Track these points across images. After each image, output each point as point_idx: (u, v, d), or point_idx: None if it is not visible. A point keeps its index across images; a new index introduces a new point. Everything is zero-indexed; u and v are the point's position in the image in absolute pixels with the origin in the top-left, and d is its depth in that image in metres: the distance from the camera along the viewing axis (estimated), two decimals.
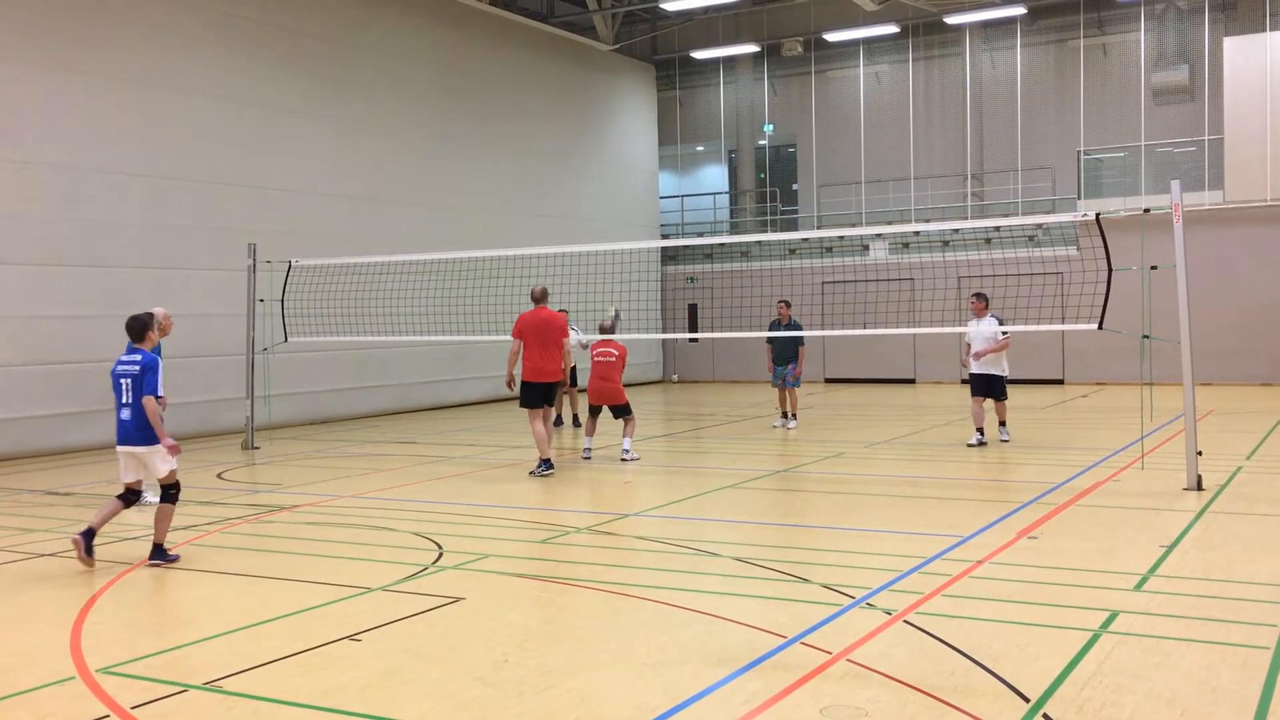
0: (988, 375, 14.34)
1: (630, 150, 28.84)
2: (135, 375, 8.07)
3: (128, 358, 8.16)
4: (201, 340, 17.18)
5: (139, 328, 8.27)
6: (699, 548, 8.52)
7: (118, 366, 8.17)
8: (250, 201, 18.20)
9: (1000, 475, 12.04)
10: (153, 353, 8.35)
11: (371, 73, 20.83)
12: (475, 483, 12.66)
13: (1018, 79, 26.64)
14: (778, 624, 6.24)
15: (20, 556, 8.59)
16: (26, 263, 15.32)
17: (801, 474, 12.54)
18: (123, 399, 8.10)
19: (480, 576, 7.67)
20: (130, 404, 8.07)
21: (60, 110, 15.73)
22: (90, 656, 5.91)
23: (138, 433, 8.08)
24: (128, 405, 8.07)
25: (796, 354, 16.77)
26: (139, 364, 8.09)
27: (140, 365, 8.09)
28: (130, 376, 8.08)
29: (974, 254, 23.60)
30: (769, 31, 28.83)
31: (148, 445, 8.08)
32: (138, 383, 8.05)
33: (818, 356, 27.09)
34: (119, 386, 8.12)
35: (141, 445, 8.10)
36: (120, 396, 8.11)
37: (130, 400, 8.07)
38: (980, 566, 7.56)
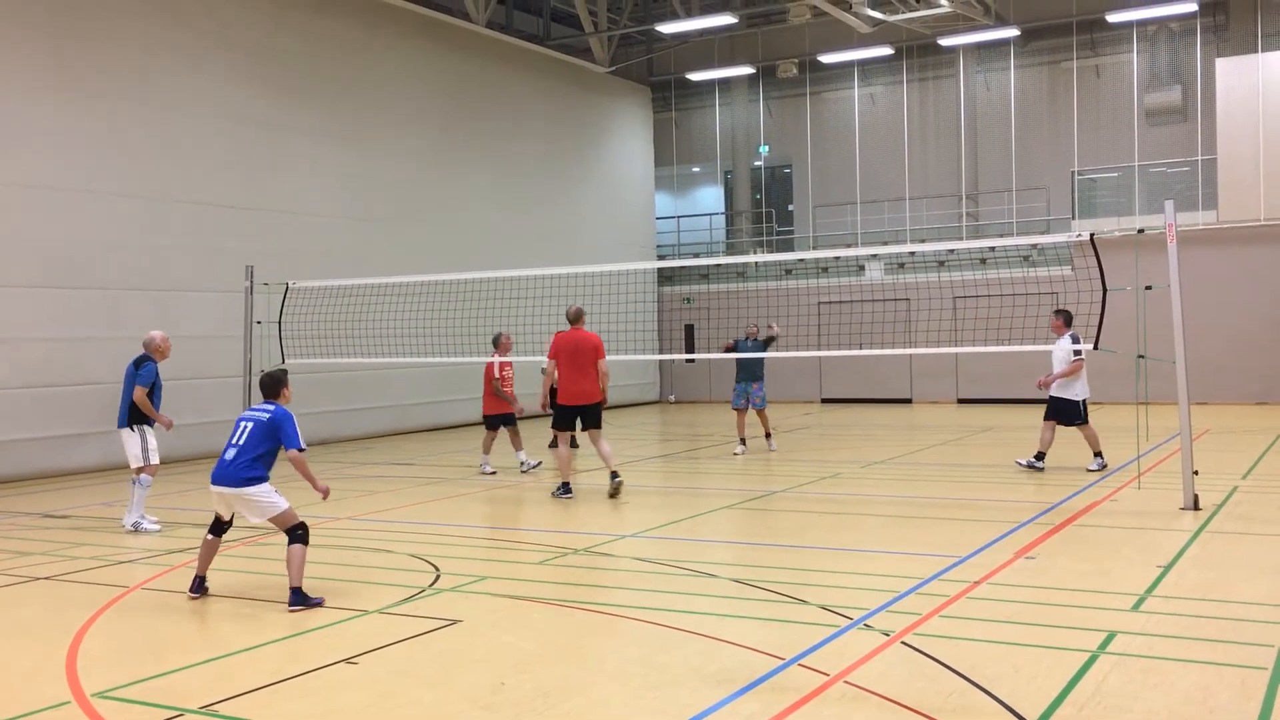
0: (1055, 398, 13.45)
1: (626, 171, 28.93)
2: (260, 421, 7.85)
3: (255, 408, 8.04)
4: (199, 362, 17.17)
5: (274, 384, 8.21)
6: (696, 569, 8.51)
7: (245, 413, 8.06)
8: (247, 223, 18.23)
9: (997, 495, 12.04)
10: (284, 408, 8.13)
11: (369, 94, 20.91)
12: (472, 504, 12.65)
13: (1011, 100, 26.79)
14: (775, 645, 6.24)
15: (17, 580, 8.57)
16: (23, 284, 15.33)
17: (798, 494, 12.53)
18: (234, 440, 7.87)
19: (477, 598, 7.65)
20: (239, 445, 7.81)
21: (57, 130, 15.76)
22: (86, 680, 5.89)
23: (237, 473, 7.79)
24: (234, 445, 7.83)
25: (763, 373, 16.32)
26: (271, 416, 7.89)
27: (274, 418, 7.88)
28: (254, 421, 7.87)
29: (969, 274, 23.66)
30: (764, 53, 28.99)
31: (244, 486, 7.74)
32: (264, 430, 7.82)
33: (813, 376, 27.12)
34: (238, 427, 7.94)
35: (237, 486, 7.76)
36: (234, 437, 7.90)
37: (241, 441, 7.82)
38: (978, 587, 7.56)
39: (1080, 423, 13.40)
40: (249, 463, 7.73)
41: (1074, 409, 13.36)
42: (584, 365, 12.20)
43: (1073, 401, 13.34)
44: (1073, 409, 13.36)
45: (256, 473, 7.73)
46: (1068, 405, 13.36)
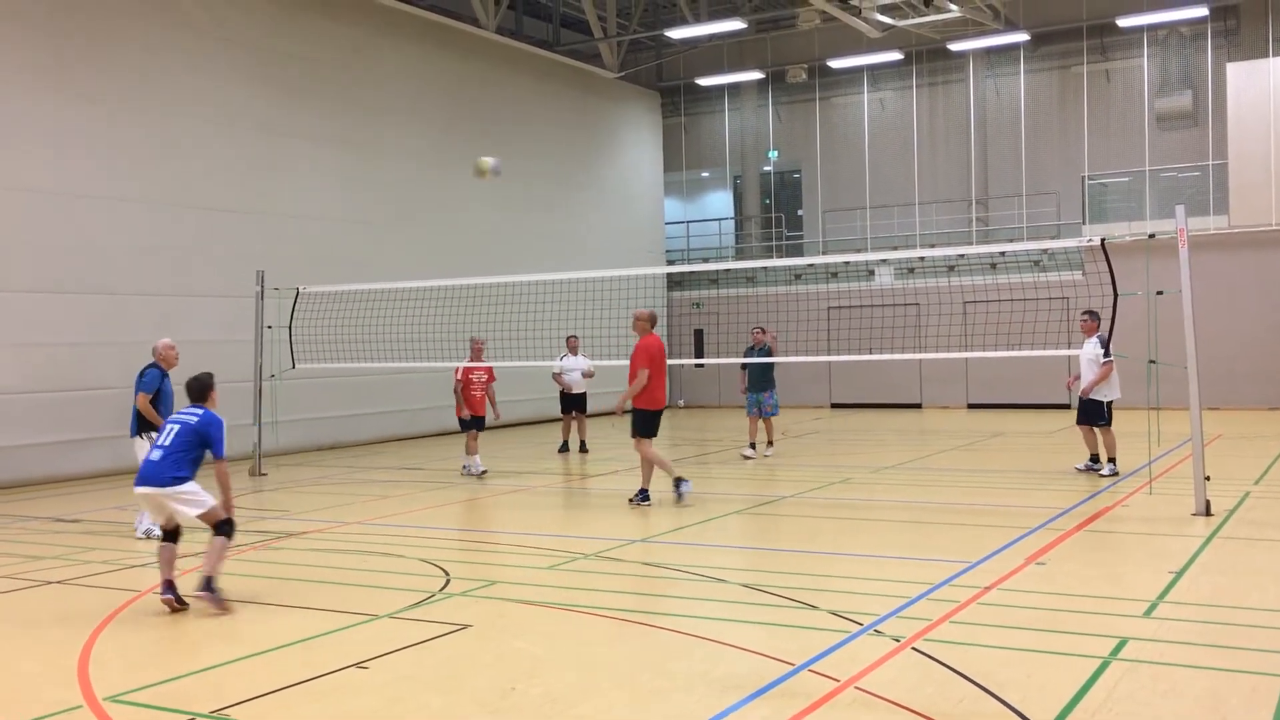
0: (1084, 400, 13.42)
1: (636, 177, 28.96)
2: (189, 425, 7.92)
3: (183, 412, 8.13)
4: (208, 367, 16.99)
5: (202, 388, 8.30)
6: (705, 574, 8.51)
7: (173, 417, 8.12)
8: (257, 228, 18.29)
9: (1007, 501, 12.00)
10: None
11: (378, 99, 20.96)
12: (481, 509, 12.67)
13: (1022, 105, 26.74)
14: (785, 651, 6.23)
15: (28, 584, 8.59)
16: (31, 289, 15.39)
17: (808, 499, 12.51)
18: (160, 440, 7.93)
19: (487, 603, 7.66)
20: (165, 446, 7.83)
21: (64, 136, 15.82)
22: (97, 685, 5.91)
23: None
24: (161, 447, 7.86)
25: (773, 381, 16.37)
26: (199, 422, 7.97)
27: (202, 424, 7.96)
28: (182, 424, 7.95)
29: (979, 279, 23.63)
30: (773, 58, 28.99)
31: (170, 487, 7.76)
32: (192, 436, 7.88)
33: (823, 381, 27.08)
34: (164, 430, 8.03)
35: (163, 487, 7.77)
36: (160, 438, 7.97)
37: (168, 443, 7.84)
38: (988, 593, 7.54)
39: (1102, 424, 13.34)
40: (174, 463, 7.76)
41: (1098, 409, 13.30)
42: (663, 370, 12.04)
43: (1097, 402, 13.28)
44: (1096, 409, 13.31)
45: (182, 473, 7.77)
46: (1093, 406, 13.33)
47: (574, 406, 17.92)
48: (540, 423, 24.20)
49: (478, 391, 15.12)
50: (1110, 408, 13.34)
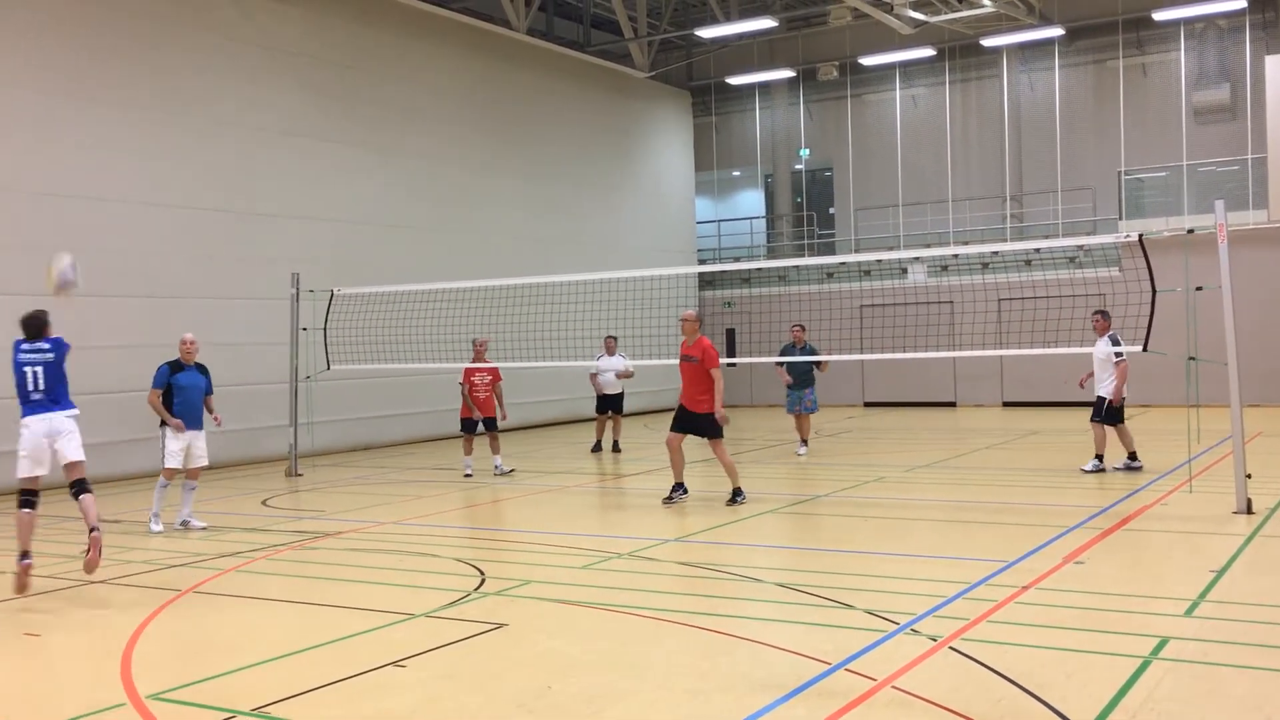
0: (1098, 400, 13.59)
1: (666, 176, 28.95)
2: (51, 362, 8.53)
3: (32, 346, 8.57)
4: (245, 369, 17.39)
5: (42, 324, 8.77)
6: (740, 573, 8.50)
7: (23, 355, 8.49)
8: (292, 231, 18.44)
9: (1044, 499, 11.90)
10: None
11: (411, 102, 21.08)
12: (514, 508, 12.71)
13: (1056, 100, 26.50)
14: (821, 650, 6.21)
15: (72, 583, 8.71)
16: (76, 292, 15.52)
17: (842, 498, 12.47)
18: (36, 385, 8.43)
19: (522, 603, 7.68)
20: (42, 388, 8.40)
21: (103, 144, 16.00)
22: (140, 682, 5.98)
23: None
24: (40, 390, 8.40)
25: (814, 378, 16.49)
26: (52, 349, 8.58)
27: (56, 350, 8.61)
28: (44, 364, 8.50)
29: (1014, 276, 23.43)
30: (804, 56, 28.90)
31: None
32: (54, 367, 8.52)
33: (856, 380, 26.97)
34: (25, 375, 8.45)
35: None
36: (29, 384, 8.44)
37: (43, 385, 8.42)
38: (1026, 592, 7.48)
39: (1098, 420, 13.50)
40: (64, 395, 8.57)
41: (1099, 404, 13.49)
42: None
43: (1102, 398, 13.45)
44: (1099, 404, 13.49)
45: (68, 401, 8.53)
46: (1099, 403, 13.48)
47: (610, 406, 17.97)
48: (573, 422, 24.26)
49: (482, 393, 15.19)
50: (1109, 405, 13.43)
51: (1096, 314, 13.66)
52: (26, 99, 15.04)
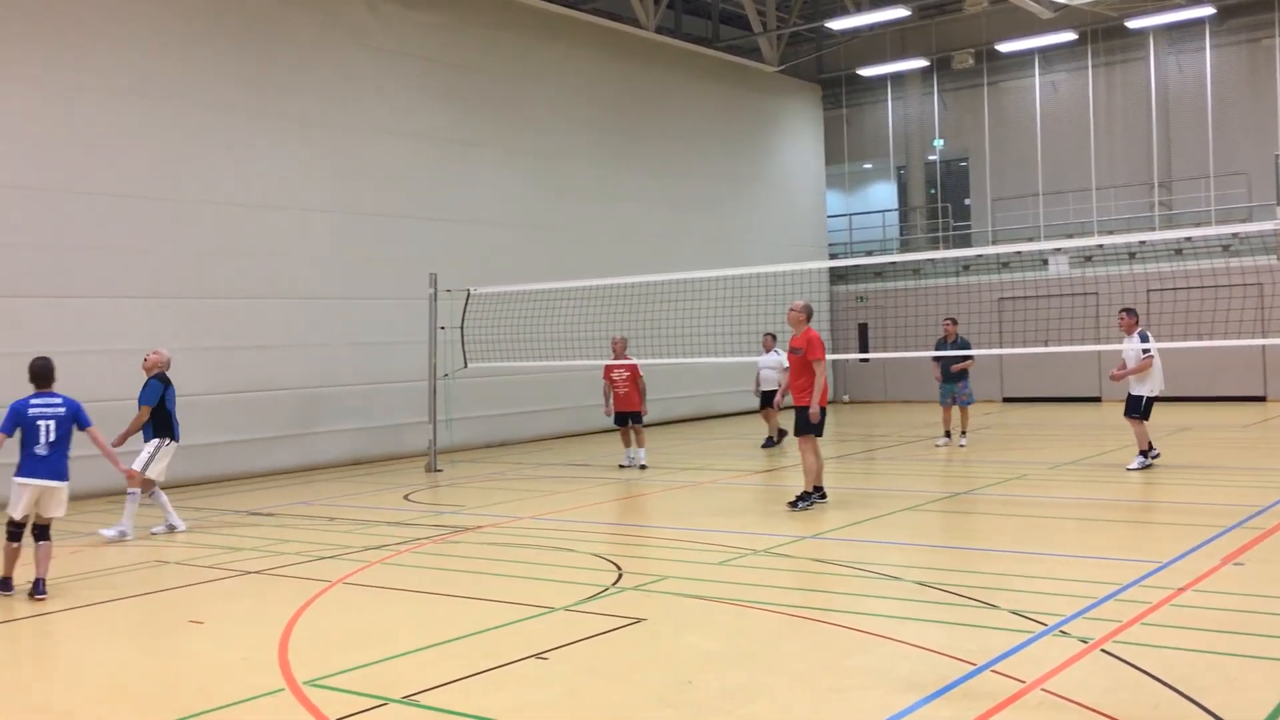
0: (1130, 396, 13.76)
1: (797, 170, 28.71)
2: (63, 417, 8.50)
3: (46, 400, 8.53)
4: (386, 367, 17.93)
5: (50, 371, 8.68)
6: (878, 571, 8.38)
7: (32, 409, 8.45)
8: (430, 232, 18.90)
9: (1198, 498, 11.41)
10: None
11: (542, 104, 21.38)
12: (649, 504, 12.79)
13: (1207, 82, 25.34)
14: (965, 650, 6.08)
15: (229, 574, 9.11)
16: (224, 296, 16.25)
17: (981, 496, 12.18)
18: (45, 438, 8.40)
19: (660, 598, 7.73)
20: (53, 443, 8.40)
21: (250, 152, 16.63)
22: (297, 669, 6.22)
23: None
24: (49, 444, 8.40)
25: (966, 371, 16.50)
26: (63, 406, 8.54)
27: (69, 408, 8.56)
28: (55, 419, 8.46)
29: (1164, 266, 22.51)
30: (938, 45, 28.29)
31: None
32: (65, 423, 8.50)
33: (994, 375, 26.29)
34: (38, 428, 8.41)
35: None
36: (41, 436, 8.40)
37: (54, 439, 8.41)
38: (1182, 594, 7.19)
39: (1137, 416, 13.58)
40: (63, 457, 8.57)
41: (1134, 402, 13.56)
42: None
43: (1135, 396, 13.57)
44: (1134, 402, 13.57)
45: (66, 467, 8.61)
46: (1132, 400, 13.60)
47: (767, 403, 17.95)
48: (707, 418, 24.28)
49: (621, 389, 15.38)
50: (1147, 402, 13.55)
51: (1123, 312, 13.86)
52: (178, 111, 15.74)
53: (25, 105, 14.17)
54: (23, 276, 14.07)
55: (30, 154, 14.25)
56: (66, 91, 14.51)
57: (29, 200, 14.17)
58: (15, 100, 14.10)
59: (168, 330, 15.39)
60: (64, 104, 14.50)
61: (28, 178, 14.18)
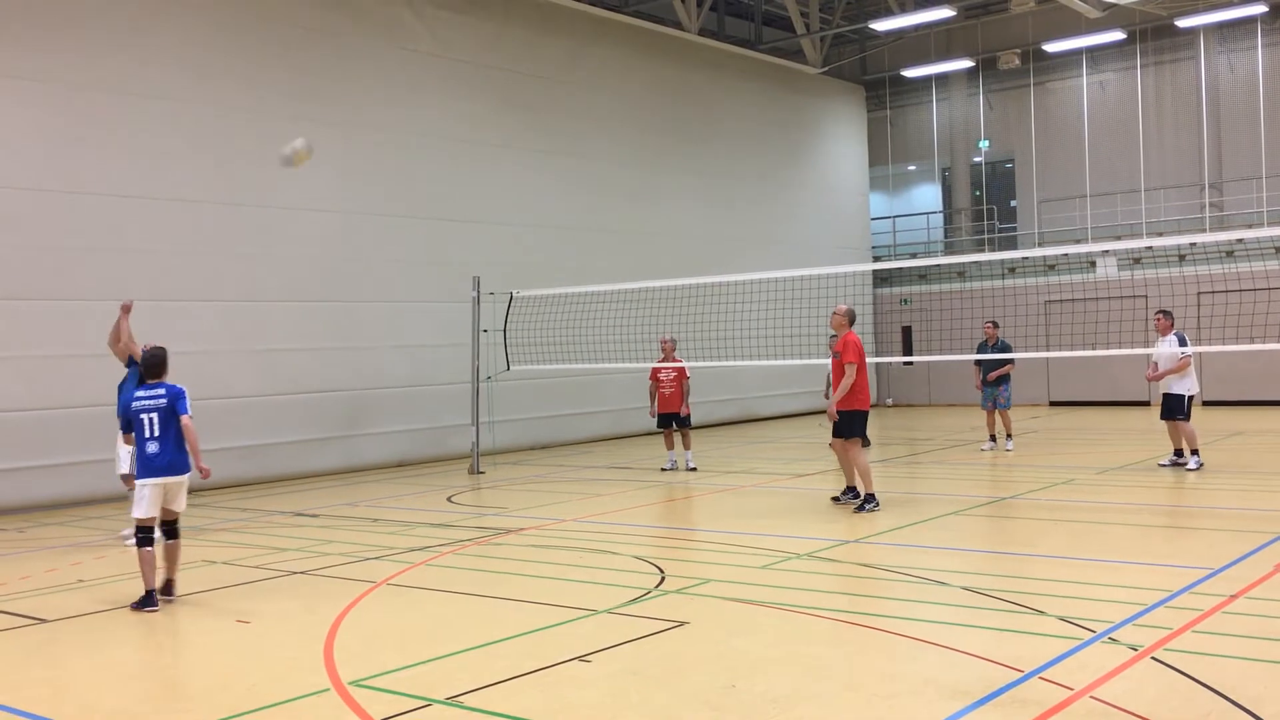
0: (1166, 396, 13.89)
1: (840, 172, 28.57)
2: (164, 408, 8.10)
3: (150, 392, 8.20)
4: (429, 369, 18.04)
5: (161, 362, 8.31)
6: (924, 576, 8.31)
7: (135, 401, 8.19)
8: (472, 236, 18.99)
9: (1250, 504, 11.21)
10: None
11: (586, 107, 21.42)
12: (690, 507, 12.77)
13: (1259, 81, 24.91)
14: (1013, 657, 6.01)
15: (276, 574, 9.20)
16: (277, 299, 16.42)
17: (1028, 500, 12.04)
18: (150, 433, 8.09)
19: (703, 601, 7.71)
20: (158, 436, 8.07)
21: None
22: (342, 669, 6.27)
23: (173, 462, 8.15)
24: (156, 439, 8.07)
25: (1008, 374, 16.46)
26: (165, 396, 8.14)
27: (169, 396, 8.14)
28: (158, 410, 8.10)
29: (1215, 268, 22.14)
30: (983, 45, 28.03)
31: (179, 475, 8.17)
32: (168, 414, 8.09)
33: (1041, 378, 26.00)
34: (142, 421, 8.11)
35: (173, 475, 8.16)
36: (146, 430, 8.10)
37: (158, 433, 8.07)
38: (1235, 601, 7.07)
39: (1182, 418, 13.67)
40: (177, 448, 8.16)
41: (1178, 403, 13.65)
42: (864, 369, 11.59)
43: (1179, 396, 13.65)
44: (1177, 403, 13.66)
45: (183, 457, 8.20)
46: (1174, 400, 13.68)
47: None
48: (747, 422, 24.21)
49: (667, 389, 15.41)
50: (1190, 402, 13.69)
51: (1160, 313, 13.97)
52: (226, 117, 15.94)
53: (89, 110, 14.42)
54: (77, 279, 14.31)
55: (90, 159, 14.48)
56: (125, 99, 14.75)
57: (83, 204, 14.40)
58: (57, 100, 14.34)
59: (220, 332, 15.60)
60: (125, 111, 14.76)
61: (88, 184, 14.41)
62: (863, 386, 11.54)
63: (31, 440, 13.74)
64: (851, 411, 11.54)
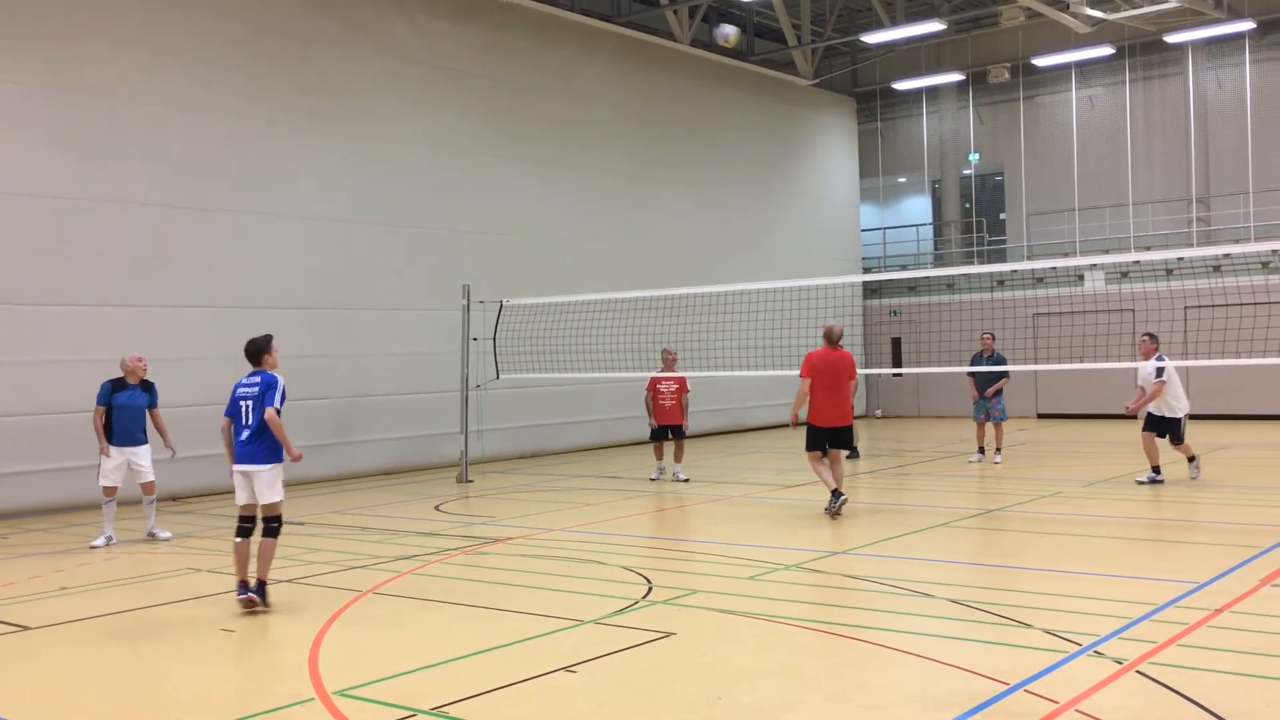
0: (1160, 418, 13.65)
1: (831, 184, 28.66)
2: (256, 396, 8.13)
3: (248, 380, 8.26)
4: (419, 377, 18.01)
5: (257, 350, 8.36)
6: (910, 587, 8.31)
7: (238, 389, 8.24)
8: (465, 244, 18.99)
9: (1236, 518, 11.26)
10: (273, 374, 8.29)
11: (578, 117, 21.45)
12: (678, 517, 12.77)
13: (1247, 97, 25.08)
14: (998, 670, 6.02)
15: None
16: (264, 305, 16.38)
17: (1014, 513, 12.07)
18: (244, 420, 8.13)
19: (689, 612, 7.71)
20: (251, 425, 8.09)
21: (292, 164, 16.80)
22: (327, 679, 6.25)
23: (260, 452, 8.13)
24: (248, 426, 8.10)
25: (1001, 387, 16.49)
26: (259, 384, 8.16)
27: (261, 385, 8.15)
28: (251, 398, 8.15)
29: (1202, 282, 22.26)
30: (973, 59, 28.17)
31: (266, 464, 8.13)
32: (259, 403, 8.11)
33: (1029, 391, 26.07)
34: (240, 409, 8.17)
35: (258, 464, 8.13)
36: (241, 418, 8.15)
37: (251, 421, 8.10)
38: (1220, 615, 7.09)
39: (1177, 441, 13.58)
40: (263, 439, 8.11)
41: (1175, 426, 13.52)
42: (840, 386, 11.76)
43: (1174, 419, 13.50)
44: (1174, 426, 13.53)
45: (268, 450, 8.11)
46: (1169, 423, 13.53)
47: None
48: (736, 432, 24.22)
49: (666, 401, 15.38)
50: (1183, 423, 13.59)
51: (1146, 336, 13.84)
52: (217, 123, 15.92)
53: (71, 112, 14.40)
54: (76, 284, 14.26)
55: (86, 164, 14.44)
56: (113, 105, 14.74)
57: (71, 209, 14.37)
58: (59, 106, 14.32)
59: (212, 339, 15.56)
60: (117, 117, 14.75)
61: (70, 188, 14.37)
62: (815, 403, 11.68)
63: (16, 445, 13.67)
64: (810, 425, 11.81)
